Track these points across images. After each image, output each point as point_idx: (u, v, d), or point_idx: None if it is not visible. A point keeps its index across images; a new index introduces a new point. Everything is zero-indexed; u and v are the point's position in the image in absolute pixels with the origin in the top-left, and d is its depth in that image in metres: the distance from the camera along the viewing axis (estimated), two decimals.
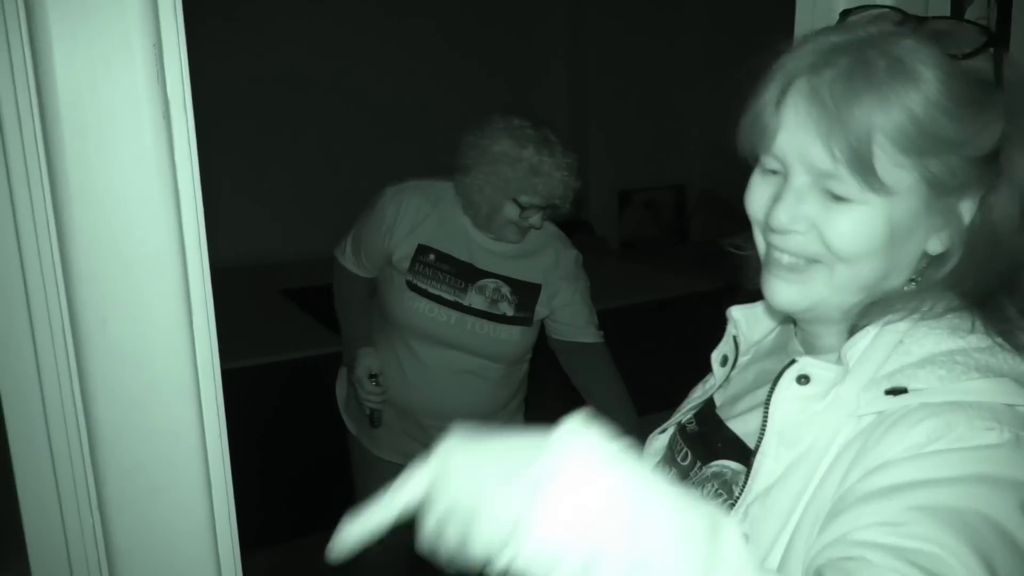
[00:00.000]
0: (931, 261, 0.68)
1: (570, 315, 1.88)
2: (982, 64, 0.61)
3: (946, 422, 0.59)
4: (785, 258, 0.68)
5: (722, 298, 0.88)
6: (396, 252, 1.73)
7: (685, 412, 0.86)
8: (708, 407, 0.83)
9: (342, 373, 1.98)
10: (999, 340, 0.65)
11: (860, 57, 0.61)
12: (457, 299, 1.76)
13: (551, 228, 1.89)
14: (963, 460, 0.58)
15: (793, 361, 0.68)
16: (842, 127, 0.61)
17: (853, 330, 0.68)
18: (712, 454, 0.78)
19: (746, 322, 0.83)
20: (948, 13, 1.20)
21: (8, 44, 0.67)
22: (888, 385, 0.63)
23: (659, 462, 0.86)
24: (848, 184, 0.62)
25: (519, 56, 4.46)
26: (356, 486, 2.00)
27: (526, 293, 1.82)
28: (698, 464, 0.80)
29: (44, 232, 0.70)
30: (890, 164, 0.61)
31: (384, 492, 2.13)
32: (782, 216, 0.66)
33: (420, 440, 1.85)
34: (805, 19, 1.22)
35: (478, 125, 1.75)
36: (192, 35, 0.77)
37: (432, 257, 1.76)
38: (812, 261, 0.67)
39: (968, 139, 0.61)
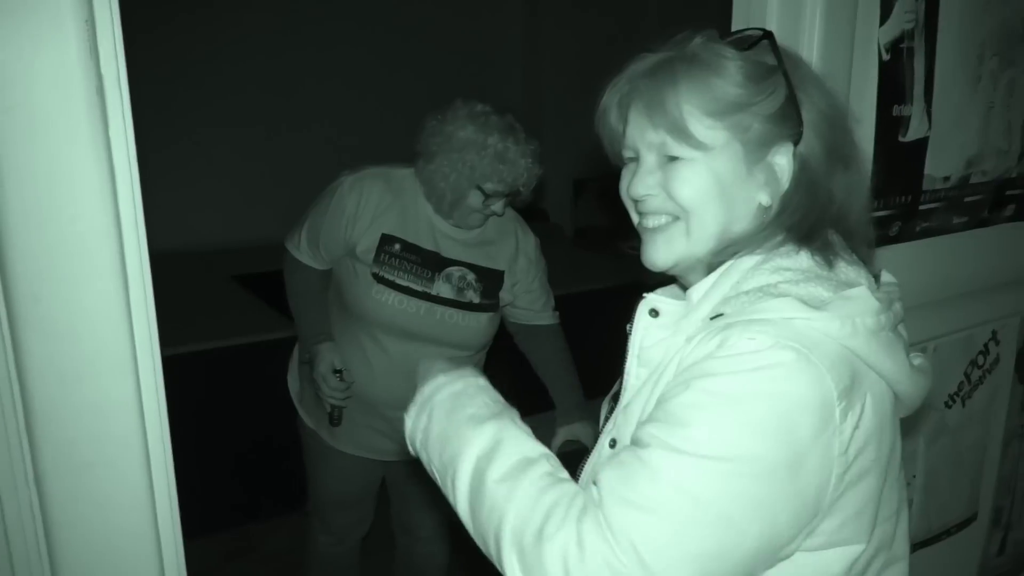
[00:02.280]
0: (766, 211, 0.83)
1: (530, 300, 1.90)
2: (765, 54, 0.82)
3: (725, 335, 0.74)
4: (649, 221, 0.86)
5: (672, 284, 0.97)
6: (359, 243, 1.70)
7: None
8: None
9: (293, 365, 1.96)
10: (819, 269, 0.80)
11: (668, 59, 0.83)
12: (425, 289, 1.73)
13: (511, 214, 1.88)
14: (721, 365, 0.73)
15: (643, 297, 0.85)
16: (661, 107, 0.81)
17: (708, 272, 0.84)
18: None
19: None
20: (879, 8, 1.25)
21: None
22: (711, 312, 0.79)
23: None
24: (676, 147, 0.81)
25: (473, 44, 4.46)
26: (310, 476, 1.99)
27: (491, 280, 1.81)
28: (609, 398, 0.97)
29: None
30: (702, 127, 0.80)
31: (344, 482, 2.06)
32: (638, 187, 0.84)
33: (384, 433, 1.83)
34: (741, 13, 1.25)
35: (439, 111, 1.72)
36: (130, 13, 0.77)
37: (397, 247, 1.73)
38: (672, 219, 0.84)
39: (755, 100, 0.80)
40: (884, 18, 1.25)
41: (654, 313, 0.84)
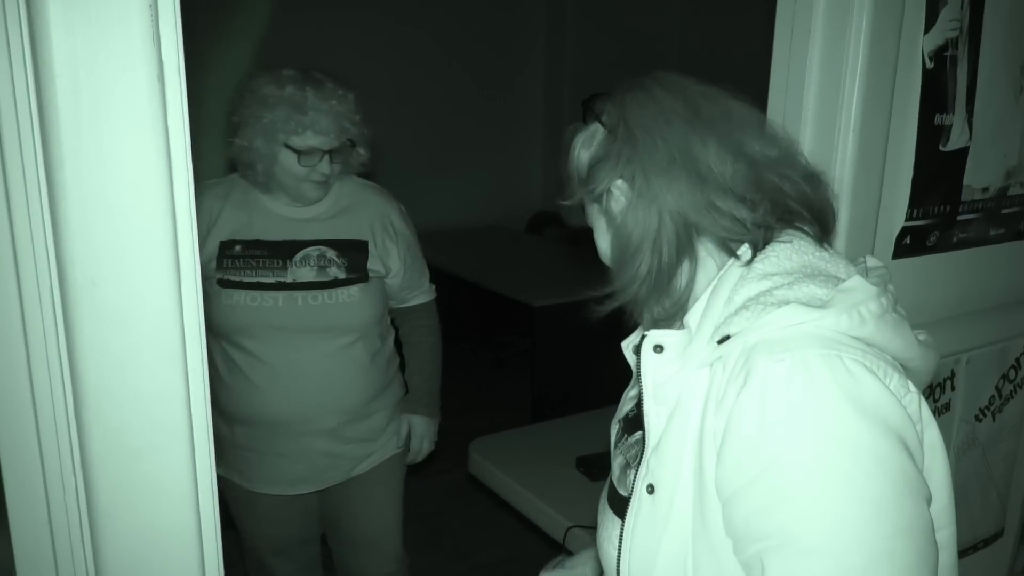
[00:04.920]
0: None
1: (401, 273, 1.79)
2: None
3: (749, 367, 0.74)
4: None
5: None
6: (201, 260, 1.54)
7: (631, 403, 1.00)
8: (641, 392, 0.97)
9: None
10: (803, 267, 0.80)
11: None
12: (279, 279, 1.63)
13: (365, 183, 1.79)
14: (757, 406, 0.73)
15: (644, 336, 0.85)
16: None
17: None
18: (636, 426, 0.91)
19: None
20: (923, 15, 1.24)
21: (3, 2, 0.67)
22: (718, 336, 0.78)
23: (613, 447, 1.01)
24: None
25: (495, 44, 4.46)
26: (239, 530, 1.84)
27: (354, 251, 1.70)
28: (624, 437, 0.96)
29: (35, 191, 0.69)
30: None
31: (273, 527, 1.95)
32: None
33: (291, 457, 1.70)
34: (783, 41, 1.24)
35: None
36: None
37: (238, 248, 1.64)
38: None
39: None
40: (929, 26, 1.24)
41: (659, 349, 0.84)
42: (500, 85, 4.65)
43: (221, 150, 1.65)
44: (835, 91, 1.19)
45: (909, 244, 1.33)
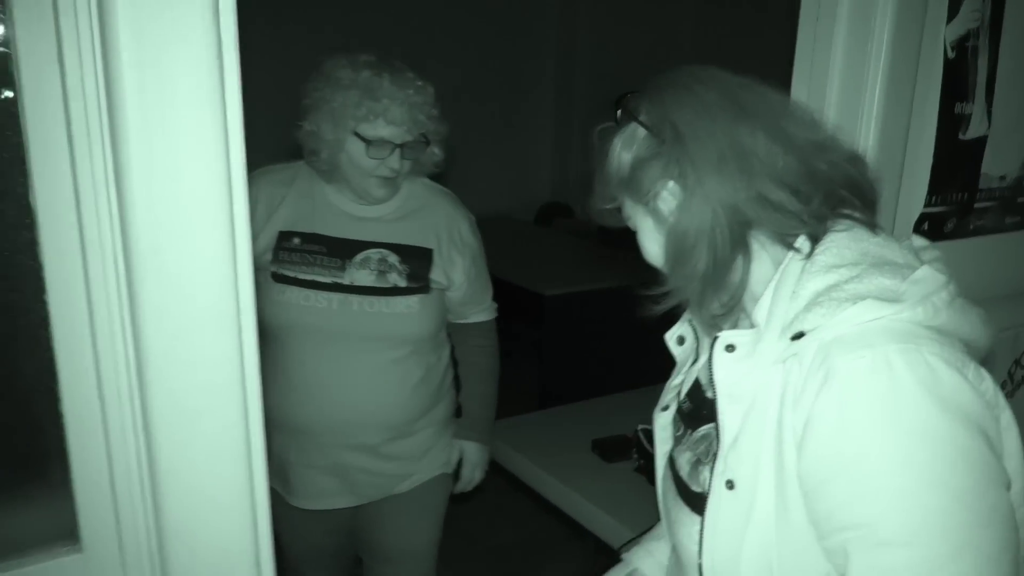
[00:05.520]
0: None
1: (464, 288, 1.68)
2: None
3: (828, 367, 0.75)
4: None
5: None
6: (256, 248, 1.47)
7: (673, 392, 1.04)
8: (696, 385, 0.98)
9: None
10: (865, 256, 0.80)
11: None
12: (336, 279, 1.52)
13: (435, 186, 1.68)
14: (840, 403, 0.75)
15: (717, 337, 0.86)
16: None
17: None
18: (699, 421, 0.94)
19: None
20: (947, 5, 1.26)
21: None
22: (791, 332, 0.78)
23: (665, 436, 1.03)
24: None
25: (506, 34, 4.48)
26: (280, 539, 1.71)
27: (417, 258, 1.59)
28: (689, 432, 0.96)
29: (100, 161, 0.72)
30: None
31: (303, 541, 1.83)
32: None
33: (327, 471, 1.61)
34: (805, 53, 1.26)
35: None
36: None
37: (297, 241, 1.53)
38: None
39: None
40: (951, 16, 1.27)
41: (730, 348, 0.84)
42: (511, 75, 4.67)
43: (275, 138, 1.59)
44: (859, 79, 1.22)
45: (927, 230, 1.36)
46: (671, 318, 0.99)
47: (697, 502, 0.91)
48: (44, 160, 0.72)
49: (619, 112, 0.91)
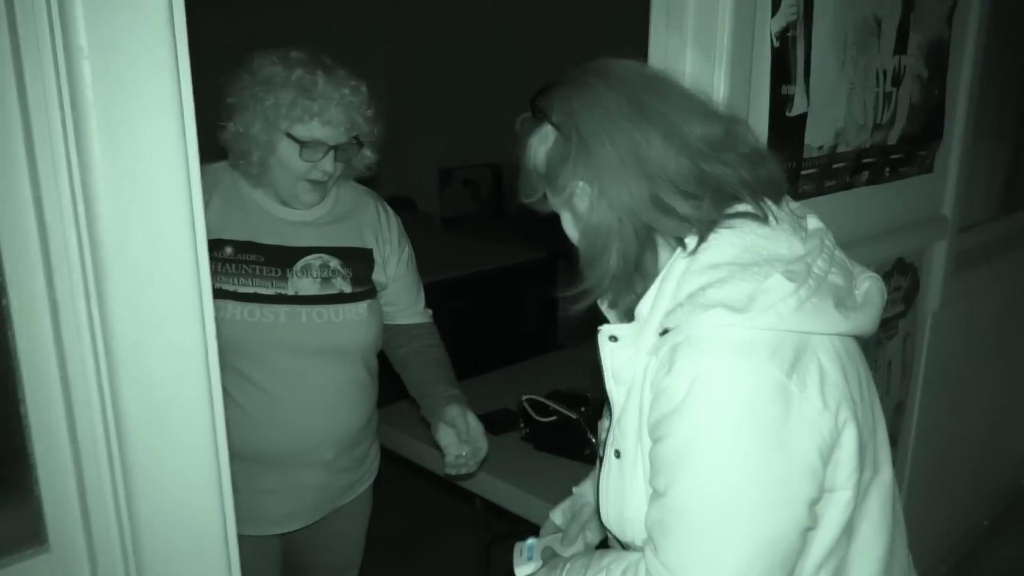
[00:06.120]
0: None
1: (402, 289, 1.63)
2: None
3: (674, 359, 0.85)
4: None
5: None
6: None
7: None
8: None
9: None
10: (744, 253, 0.87)
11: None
12: (279, 291, 1.43)
13: (360, 187, 1.61)
14: (680, 392, 0.85)
15: (599, 329, 0.95)
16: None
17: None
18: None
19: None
20: (770, 1, 1.47)
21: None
22: (660, 328, 0.89)
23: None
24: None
25: (338, 29, 4.46)
26: None
27: (358, 260, 1.53)
28: (610, 413, 1.04)
29: (62, 159, 0.74)
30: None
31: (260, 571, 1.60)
32: None
33: (280, 492, 1.50)
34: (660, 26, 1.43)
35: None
36: None
37: (230, 250, 1.42)
38: None
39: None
40: (775, 11, 1.47)
41: (613, 339, 0.93)
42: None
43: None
44: (708, 69, 1.39)
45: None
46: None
47: (598, 461, 1.05)
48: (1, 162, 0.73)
49: (533, 110, 0.96)
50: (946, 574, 2.74)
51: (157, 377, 0.80)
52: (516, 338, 3.81)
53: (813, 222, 0.98)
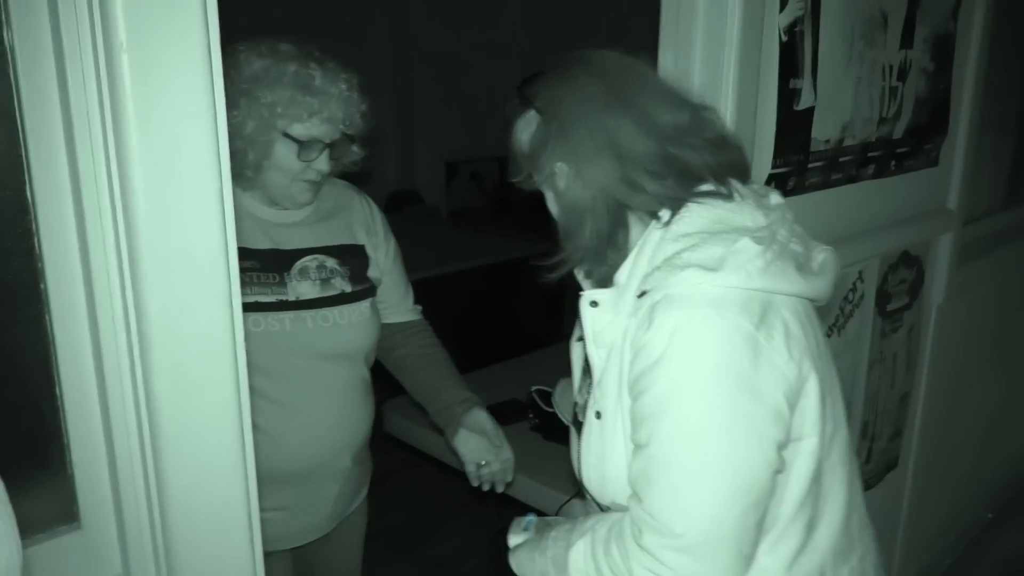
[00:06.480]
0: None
1: (391, 286, 1.57)
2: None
3: (653, 316, 0.92)
4: None
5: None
6: None
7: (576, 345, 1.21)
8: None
9: None
10: (713, 223, 0.95)
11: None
12: (279, 297, 1.37)
13: (340, 181, 1.55)
14: (660, 345, 0.91)
15: (580, 294, 1.02)
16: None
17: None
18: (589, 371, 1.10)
19: None
20: (778, 0, 1.49)
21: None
22: (639, 291, 0.96)
23: (579, 363, 1.19)
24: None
25: (342, 22, 4.48)
26: None
27: (354, 258, 1.48)
28: (587, 379, 1.12)
29: (101, 154, 0.76)
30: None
31: None
32: None
33: (295, 509, 1.46)
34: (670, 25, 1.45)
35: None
36: None
37: None
38: None
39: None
40: (783, 6, 1.50)
41: (594, 304, 1.00)
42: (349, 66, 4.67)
43: None
44: (717, 64, 1.42)
45: (775, 188, 1.59)
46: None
47: (580, 430, 1.10)
48: (41, 154, 0.75)
49: (519, 96, 1.04)
50: (950, 566, 2.77)
51: (188, 362, 0.82)
52: (523, 330, 3.84)
53: (775, 198, 1.06)
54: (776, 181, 1.59)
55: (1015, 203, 2.85)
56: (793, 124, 1.59)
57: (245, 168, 1.33)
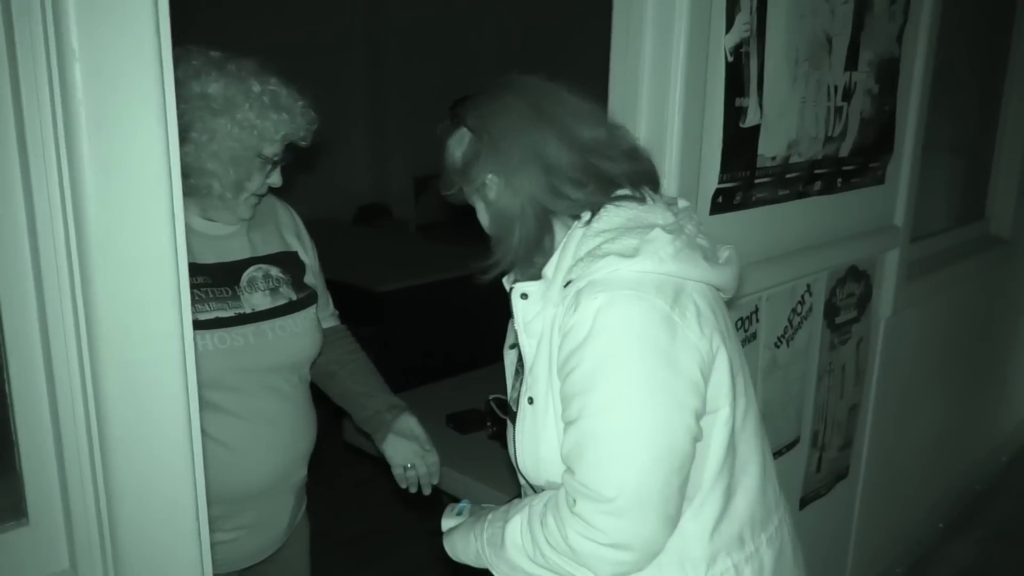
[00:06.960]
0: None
1: (322, 297, 1.56)
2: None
3: (577, 300, 1.00)
4: None
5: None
6: None
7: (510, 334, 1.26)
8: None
9: None
10: (628, 222, 1.05)
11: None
12: (237, 311, 1.34)
13: None
14: (584, 325, 0.99)
15: (512, 287, 1.09)
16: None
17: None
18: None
19: None
20: (724, 18, 1.55)
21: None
22: (564, 281, 1.04)
23: (512, 371, 1.25)
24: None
25: (317, 44, 4.52)
26: None
27: (293, 265, 1.47)
28: (520, 369, 1.18)
29: (52, 156, 0.79)
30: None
31: None
32: None
33: (263, 530, 1.45)
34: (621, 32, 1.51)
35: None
36: None
37: None
38: None
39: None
40: (728, 27, 1.56)
41: (524, 296, 1.08)
42: (322, 80, 4.70)
43: None
44: (664, 82, 1.47)
45: (721, 202, 1.65)
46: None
47: (514, 417, 1.17)
48: None
49: (451, 116, 1.15)
50: (902, 575, 2.83)
51: (137, 360, 0.85)
52: (487, 341, 3.86)
53: (683, 202, 1.17)
54: (723, 195, 1.65)
55: (963, 222, 2.95)
56: (739, 141, 1.65)
57: (225, 191, 1.30)
